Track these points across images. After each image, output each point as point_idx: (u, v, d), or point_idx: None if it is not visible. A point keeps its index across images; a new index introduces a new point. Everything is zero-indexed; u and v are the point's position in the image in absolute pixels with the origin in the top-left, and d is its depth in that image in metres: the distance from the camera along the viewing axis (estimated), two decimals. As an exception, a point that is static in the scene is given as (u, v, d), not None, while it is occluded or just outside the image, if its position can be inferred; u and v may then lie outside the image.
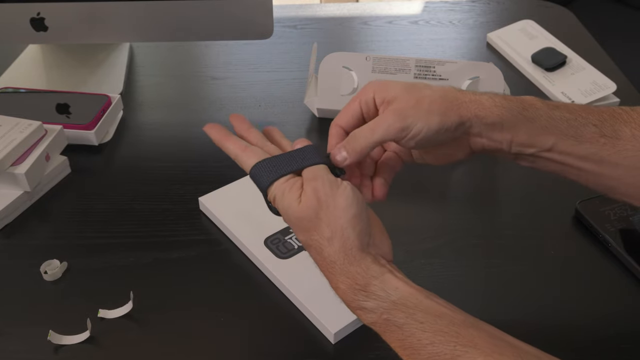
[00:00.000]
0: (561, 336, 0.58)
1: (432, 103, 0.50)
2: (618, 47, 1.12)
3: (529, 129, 0.51)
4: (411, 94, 0.51)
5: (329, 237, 0.46)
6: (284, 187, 0.49)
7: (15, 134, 0.70)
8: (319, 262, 0.48)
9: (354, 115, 0.53)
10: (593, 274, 0.64)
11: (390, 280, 0.46)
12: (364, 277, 0.46)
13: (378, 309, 0.45)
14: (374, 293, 0.45)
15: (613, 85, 0.87)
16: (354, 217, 0.46)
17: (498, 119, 0.50)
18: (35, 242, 0.67)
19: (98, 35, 0.86)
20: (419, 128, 0.50)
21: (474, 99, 0.51)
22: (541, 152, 0.51)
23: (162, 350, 0.56)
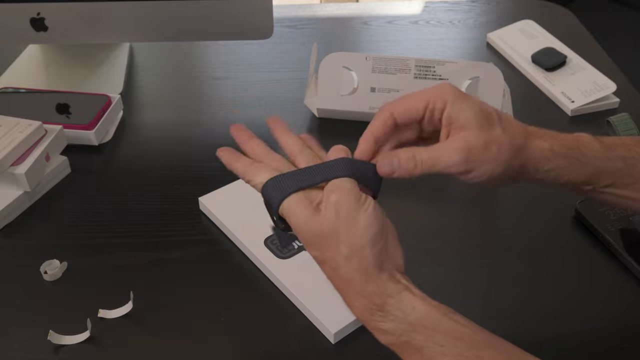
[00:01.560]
0: (561, 336, 0.58)
1: (499, 150, 0.48)
2: (618, 47, 1.12)
3: (585, 173, 0.50)
4: (482, 132, 0.48)
5: (347, 256, 0.45)
6: (300, 199, 0.47)
7: (15, 134, 0.70)
8: (333, 279, 0.47)
9: (415, 116, 0.50)
10: (593, 274, 0.64)
11: (407, 298, 0.45)
12: (380, 296, 0.45)
13: (396, 330, 0.44)
14: (391, 313, 0.44)
15: (613, 85, 0.87)
16: (374, 235, 0.45)
17: (554, 166, 0.50)
18: (35, 242, 0.67)
19: (98, 35, 0.86)
20: (479, 173, 0.48)
21: (538, 147, 0.50)
22: (598, 188, 0.51)
23: (162, 350, 0.56)
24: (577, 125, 0.85)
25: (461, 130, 0.48)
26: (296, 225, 0.47)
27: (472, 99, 0.49)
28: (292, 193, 0.47)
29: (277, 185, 0.48)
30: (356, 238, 0.45)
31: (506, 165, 0.49)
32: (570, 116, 0.86)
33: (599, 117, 0.84)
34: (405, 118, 0.50)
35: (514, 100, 0.86)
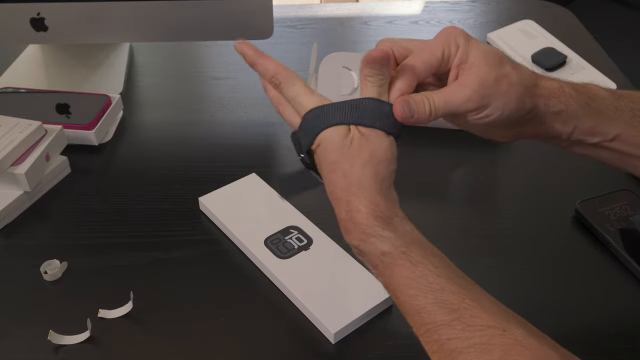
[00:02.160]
0: (561, 336, 0.58)
1: (510, 85, 0.48)
2: (618, 47, 1.12)
3: (594, 119, 0.50)
4: (492, 68, 0.48)
5: (364, 163, 0.46)
6: (337, 130, 0.47)
7: (15, 134, 0.70)
8: (339, 184, 0.46)
9: (435, 67, 0.50)
10: (593, 274, 0.64)
11: (409, 224, 0.46)
12: (389, 209, 0.45)
13: (397, 240, 0.44)
14: (394, 225, 0.45)
15: (613, 85, 0.87)
16: (391, 157, 0.46)
17: (564, 107, 0.50)
18: (35, 242, 0.67)
19: (98, 35, 0.86)
20: (491, 111, 0.48)
21: (548, 86, 0.50)
22: (603, 142, 0.51)
23: (162, 350, 0.56)
24: (577, 125, 0.85)
25: (471, 68, 0.49)
26: (328, 142, 0.47)
27: (478, 41, 0.50)
28: (334, 125, 0.47)
29: (321, 115, 0.48)
30: (378, 149, 0.46)
31: (518, 102, 0.48)
32: (570, 116, 0.86)
33: (599, 117, 0.84)
34: (427, 73, 0.50)
35: (514, 100, 0.86)
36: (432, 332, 0.41)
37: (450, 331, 0.40)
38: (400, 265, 0.43)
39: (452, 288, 0.42)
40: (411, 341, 0.57)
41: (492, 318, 0.40)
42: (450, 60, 0.50)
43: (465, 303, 0.41)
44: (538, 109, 0.50)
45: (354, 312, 0.57)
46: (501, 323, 0.40)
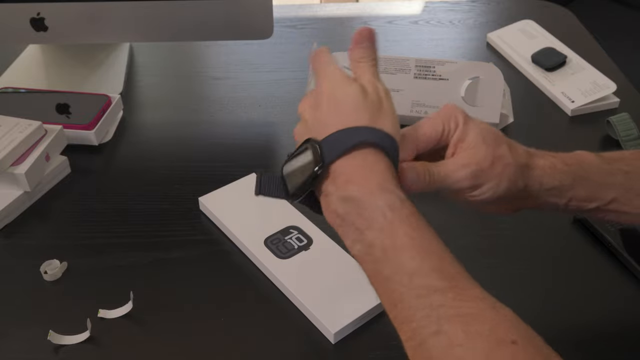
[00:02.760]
0: (561, 336, 0.57)
1: (505, 167, 0.49)
2: (618, 47, 1.12)
3: (587, 186, 0.51)
4: (489, 149, 0.49)
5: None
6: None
7: (15, 134, 0.70)
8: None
9: (434, 143, 0.51)
10: (593, 274, 0.64)
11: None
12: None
13: (407, 200, 0.45)
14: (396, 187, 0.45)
15: (613, 85, 0.87)
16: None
17: (558, 183, 0.50)
18: (35, 242, 0.67)
19: (98, 35, 0.86)
20: (485, 189, 0.49)
21: (541, 165, 0.51)
22: (601, 206, 0.51)
23: (162, 350, 0.56)
24: (577, 125, 0.85)
25: (469, 148, 0.50)
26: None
27: (477, 120, 0.51)
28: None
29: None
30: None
31: (510, 182, 0.49)
32: (570, 116, 0.86)
33: (599, 117, 0.84)
34: (427, 146, 0.52)
35: (514, 100, 0.86)
36: (423, 295, 0.40)
37: (441, 298, 0.39)
38: (407, 224, 0.43)
39: (451, 257, 0.42)
40: (411, 341, 0.57)
41: (483, 293, 0.40)
42: (449, 136, 0.51)
43: (460, 274, 0.41)
44: (532, 188, 0.50)
45: (354, 312, 0.57)
46: (491, 299, 0.40)
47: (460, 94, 0.80)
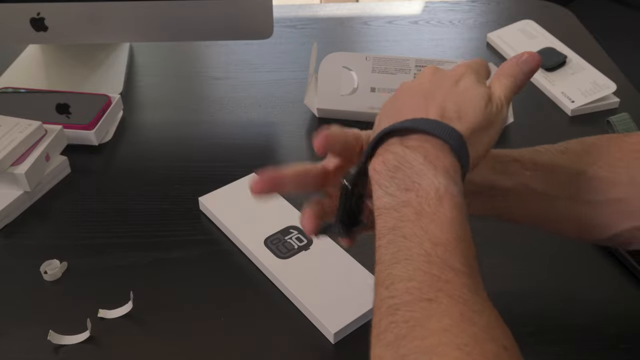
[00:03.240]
0: (561, 336, 0.58)
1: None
2: (618, 47, 1.12)
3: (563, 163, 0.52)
4: None
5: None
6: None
7: (15, 134, 0.70)
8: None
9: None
10: (593, 274, 0.64)
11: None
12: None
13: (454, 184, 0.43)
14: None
15: (613, 85, 0.87)
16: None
17: (525, 153, 0.53)
18: (35, 242, 0.67)
19: (98, 35, 0.86)
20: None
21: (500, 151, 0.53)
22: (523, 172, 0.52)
23: (162, 350, 0.56)
24: (577, 125, 0.85)
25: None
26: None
27: None
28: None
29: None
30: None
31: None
32: (570, 116, 0.86)
33: (599, 117, 0.84)
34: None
35: (514, 100, 0.85)
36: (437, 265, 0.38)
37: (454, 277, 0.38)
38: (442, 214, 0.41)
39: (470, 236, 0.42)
40: (411, 341, 0.57)
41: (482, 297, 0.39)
42: None
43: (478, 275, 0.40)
44: (503, 161, 0.52)
45: (354, 312, 0.57)
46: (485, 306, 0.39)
47: (460, 94, 0.80)
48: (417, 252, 0.39)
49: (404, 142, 0.43)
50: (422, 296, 0.36)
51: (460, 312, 0.36)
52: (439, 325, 0.35)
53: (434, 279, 0.37)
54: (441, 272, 0.37)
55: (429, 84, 0.47)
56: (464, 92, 0.46)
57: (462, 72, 0.48)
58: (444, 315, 0.35)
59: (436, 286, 0.37)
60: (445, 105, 0.45)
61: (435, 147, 0.43)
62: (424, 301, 0.36)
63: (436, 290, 0.36)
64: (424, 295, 0.36)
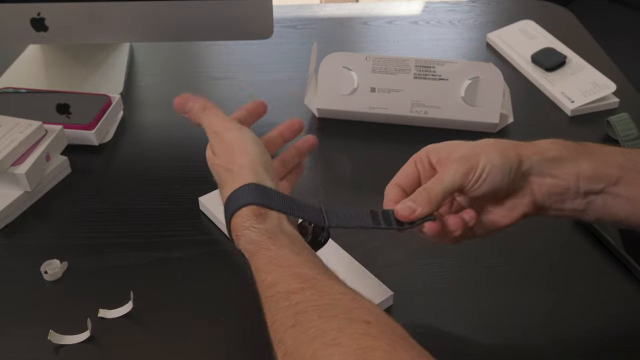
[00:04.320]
0: (561, 336, 0.58)
1: (488, 145, 0.51)
2: (618, 47, 1.12)
3: (592, 162, 0.51)
4: (465, 145, 0.52)
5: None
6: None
7: (15, 134, 0.70)
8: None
9: (411, 175, 0.54)
10: (593, 274, 0.64)
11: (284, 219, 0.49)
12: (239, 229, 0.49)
13: (263, 230, 0.48)
14: (266, 217, 0.48)
15: (613, 85, 0.87)
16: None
17: (558, 153, 0.51)
18: (35, 242, 0.67)
19: (98, 35, 0.86)
20: (482, 165, 0.49)
21: (529, 143, 0.52)
22: (609, 187, 0.51)
23: (162, 350, 0.56)
24: (577, 125, 0.85)
25: (450, 155, 0.52)
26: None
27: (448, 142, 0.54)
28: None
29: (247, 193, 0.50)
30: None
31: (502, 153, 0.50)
32: (570, 116, 0.86)
33: (598, 117, 0.84)
34: (405, 180, 0.54)
35: (513, 100, 0.86)
36: (282, 299, 0.42)
37: (300, 296, 0.42)
38: (264, 248, 0.46)
39: (311, 265, 0.45)
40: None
41: (345, 289, 0.42)
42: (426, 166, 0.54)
43: (321, 276, 0.43)
44: (529, 160, 0.51)
45: (354, 312, 0.57)
46: (353, 294, 0.42)
47: (460, 94, 0.80)
48: (266, 302, 0.45)
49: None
50: (286, 327, 0.41)
51: (318, 316, 0.40)
52: (307, 334, 0.39)
53: (286, 310, 0.42)
54: (289, 300, 0.42)
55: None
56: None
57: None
58: (307, 327, 0.40)
59: (292, 311, 0.42)
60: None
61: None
62: (289, 329, 0.41)
63: (294, 315, 0.41)
64: (288, 324, 0.41)
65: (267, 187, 0.49)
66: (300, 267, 0.44)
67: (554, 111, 0.87)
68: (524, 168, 0.50)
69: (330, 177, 0.77)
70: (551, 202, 0.52)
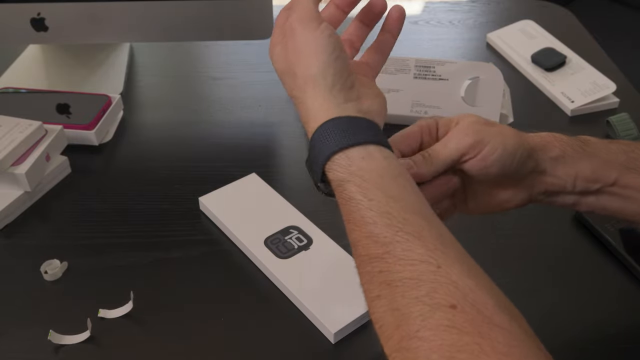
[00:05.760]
0: (561, 336, 0.58)
1: (503, 128, 0.50)
2: (618, 47, 1.12)
3: (592, 163, 0.51)
4: (480, 119, 0.51)
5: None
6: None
7: (15, 134, 0.70)
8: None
9: (413, 138, 0.52)
10: (593, 274, 0.64)
11: (362, 149, 0.43)
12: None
13: (334, 179, 0.44)
14: (336, 162, 0.43)
15: (613, 85, 0.87)
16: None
17: (561, 152, 0.51)
18: (35, 242, 0.67)
19: (98, 35, 0.86)
20: (493, 146, 0.49)
21: (542, 135, 0.51)
22: (605, 187, 0.51)
23: (162, 350, 0.56)
24: (577, 125, 0.85)
25: (459, 122, 0.50)
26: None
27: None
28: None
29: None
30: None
31: (515, 139, 0.49)
32: (570, 116, 0.86)
33: (598, 117, 0.84)
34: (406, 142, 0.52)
35: (513, 100, 0.86)
36: (365, 264, 0.41)
37: (382, 264, 0.39)
38: (341, 197, 0.43)
39: (385, 221, 0.40)
40: (411, 341, 0.57)
41: (428, 253, 0.39)
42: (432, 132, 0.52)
43: (399, 236, 0.40)
44: (537, 154, 0.50)
45: (354, 312, 0.57)
46: (438, 260, 0.39)
47: (460, 94, 0.80)
48: (355, 261, 0.43)
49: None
50: (372, 297, 0.40)
51: (401, 295, 0.38)
52: (392, 315, 0.38)
53: (370, 277, 0.40)
54: (372, 266, 0.40)
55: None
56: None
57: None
58: (391, 306, 0.38)
59: (376, 282, 0.40)
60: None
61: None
62: (374, 300, 0.40)
63: (377, 286, 0.39)
64: (373, 294, 0.40)
65: (349, 120, 0.44)
66: (375, 225, 0.41)
67: (554, 111, 0.87)
68: (532, 161, 0.50)
69: (330, 177, 0.77)
70: (544, 197, 0.53)
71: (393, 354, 0.37)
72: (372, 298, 0.40)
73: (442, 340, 0.35)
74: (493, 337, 0.35)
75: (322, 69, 0.46)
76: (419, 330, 0.36)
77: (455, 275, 0.38)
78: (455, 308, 0.36)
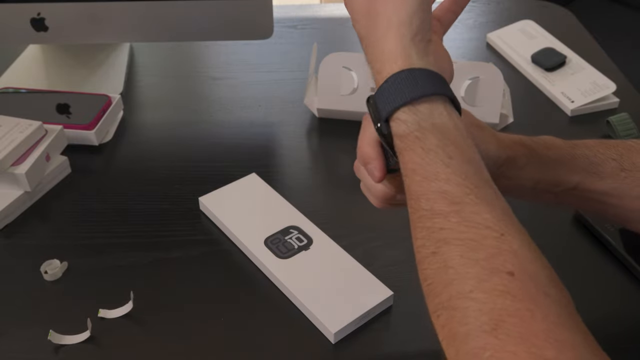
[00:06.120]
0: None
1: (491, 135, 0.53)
2: (618, 47, 1.12)
3: (555, 170, 0.52)
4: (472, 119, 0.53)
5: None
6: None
7: (15, 134, 0.70)
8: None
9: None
10: (593, 274, 0.64)
11: (442, 108, 0.42)
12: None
13: (413, 124, 0.42)
14: (416, 108, 0.42)
15: (613, 85, 0.87)
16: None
17: (526, 161, 0.52)
18: (35, 242, 0.67)
19: (98, 35, 0.86)
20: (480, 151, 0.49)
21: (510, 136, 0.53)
22: (566, 190, 0.53)
23: (162, 350, 0.56)
24: (577, 125, 0.85)
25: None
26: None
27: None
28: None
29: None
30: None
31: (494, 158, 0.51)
32: (570, 116, 0.86)
33: (598, 117, 0.84)
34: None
35: (514, 101, 0.86)
36: (425, 218, 0.40)
37: (444, 222, 0.39)
38: (411, 150, 0.42)
39: (459, 181, 0.40)
40: (411, 341, 0.57)
41: (494, 220, 0.38)
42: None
43: (469, 198, 0.39)
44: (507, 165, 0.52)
45: (354, 312, 0.57)
46: (502, 228, 0.38)
47: (460, 94, 0.80)
48: (412, 215, 0.42)
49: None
50: (427, 252, 0.39)
51: (459, 254, 0.38)
52: (446, 273, 0.38)
53: (429, 232, 0.40)
54: (433, 221, 0.40)
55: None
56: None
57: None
58: (447, 264, 0.38)
59: (434, 238, 0.39)
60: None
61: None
62: (430, 256, 0.39)
63: (435, 243, 0.39)
64: (429, 250, 0.39)
65: (430, 73, 0.43)
66: (448, 183, 0.40)
67: (554, 111, 0.87)
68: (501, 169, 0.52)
69: (330, 177, 0.77)
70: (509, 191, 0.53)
71: (439, 311, 0.37)
72: (426, 254, 0.39)
73: (495, 304, 0.35)
74: (546, 306, 0.35)
75: (411, 15, 0.44)
76: (472, 291, 0.35)
77: (517, 245, 0.38)
78: (512, 275, 0.36)
